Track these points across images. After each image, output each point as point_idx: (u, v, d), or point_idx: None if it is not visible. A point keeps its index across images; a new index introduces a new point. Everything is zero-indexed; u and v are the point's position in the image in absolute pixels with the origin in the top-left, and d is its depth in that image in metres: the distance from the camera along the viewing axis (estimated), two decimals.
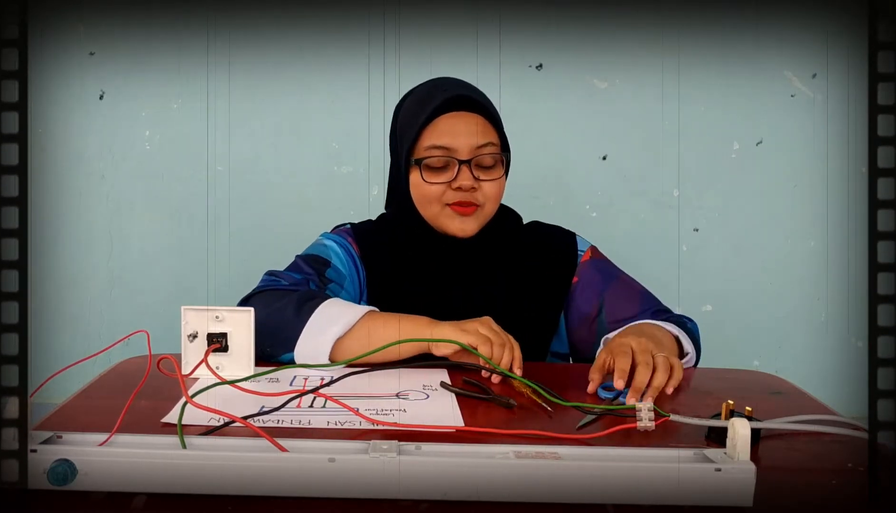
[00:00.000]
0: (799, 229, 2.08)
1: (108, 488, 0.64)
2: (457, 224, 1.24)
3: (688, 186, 2.08)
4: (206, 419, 0.80)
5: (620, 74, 2.06)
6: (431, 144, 1.22)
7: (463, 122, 1.22)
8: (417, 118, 1.24)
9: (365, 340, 1.09)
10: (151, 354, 1.00)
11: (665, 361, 1.01)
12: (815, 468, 0.76)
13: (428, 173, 1.23)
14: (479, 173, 1.22)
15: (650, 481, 0.64)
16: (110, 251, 2.08)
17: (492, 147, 1.23)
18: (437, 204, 1.24)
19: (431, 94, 1.25)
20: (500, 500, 0.64)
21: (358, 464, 0.64)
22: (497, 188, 1.25)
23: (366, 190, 2.06)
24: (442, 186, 1.22)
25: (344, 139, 2.07)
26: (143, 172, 2.07)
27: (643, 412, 0.81)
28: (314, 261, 1.28)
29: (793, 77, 2.05)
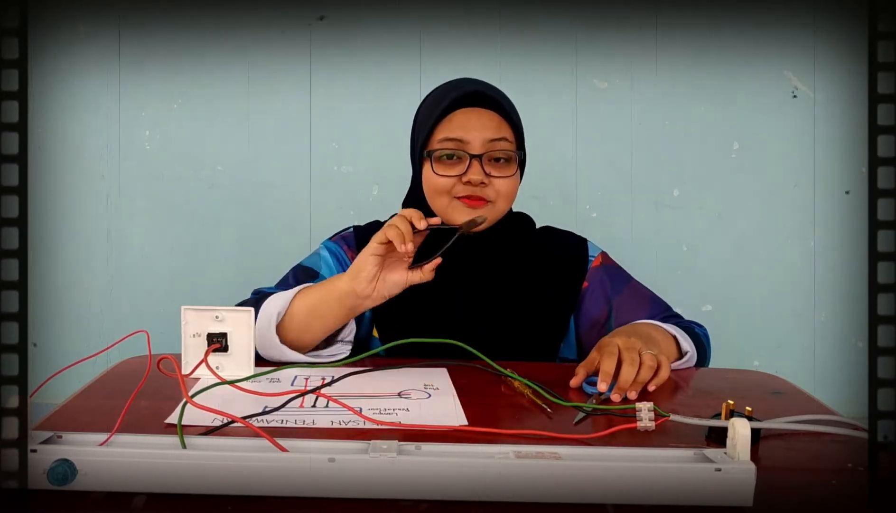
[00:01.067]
0: (799, 229, 2.08)
1: (108, 488, 0.64)
2: (466, 216, 1.23)
3: (688, 186, 2.08)
4: (206, 419, 0.80)
5: (620, 74, 2.06)
6: (444, 136, 1.23)
7: (476, 116, 1.23)
8: (432, 113, 1.25)
9: (300, 314, 1.14)
10: (151, 354, 1.00)
11: (651, 359, 1.01)
12: (815, 468, 0.76)
13: (439, 166, 1.23)
14: (490, 169, 1.22)
15: (650, 481, 0.64)
16: (110, 251, 2.08)
17: (505, 143, 1.23)
18: (447, 196, 1.23)
19: (448, 90, 1.26)
20: (500, 500, 0.64)
21: (358, 464, 0.64)
22: (509, 185, 1.24)
23: (366, 190, 2.06)
24: (452, 179, 1.22)
25: (344, 139, 2.07)
26: (143, 172, 2.07)
27: (643, 412, 0.81)
28: (303, 273, 1.30)
29: (793, 77, 2.05)
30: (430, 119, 1.24)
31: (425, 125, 1.25)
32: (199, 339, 1.03)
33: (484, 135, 1.21)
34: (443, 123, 1.23)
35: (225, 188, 2.07)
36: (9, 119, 0.59)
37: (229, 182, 2.07)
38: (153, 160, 2.07)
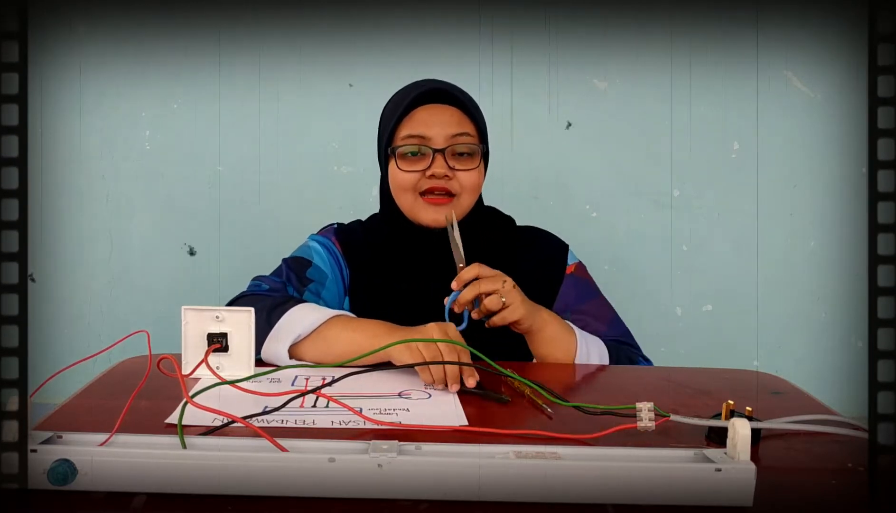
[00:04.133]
0: (799, 229, 2.08)
1: (108, 488, 0.64)
2: (430, 214, 1.25)
3: (688, 186, 2.07)
4: (206, 419, 0.80)
5: (620, 74, 2.06)
6: (407, 133, 1.25)
7: (438, 112, 1.26)
8: (396, 111, 1.28)
9: (322, 345, 1.10)
10: (151, 354, 1.00)
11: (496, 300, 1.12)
12: (815, 468, 0.76)
13: (403, 162, 1.26)
14: (454, 162, 1.25)
15: (650, 481, 0.64)
16: (110, 251, 2.08)
17: (467, 137, 1.26)
18: (412, 193, 1.26)
19: (410, 89, 1.29)
20: (500, 500, 0.64)
21: (358, 464, 0.64)
22: (473, 178, 1.27)
23: (366, 190, 2.06)
24: (416, 175, 1.25)
25: (344, 139, 2.07)
26: (143, 172, 2.07)
27: (643, 412, 0.81)
28: (295, 263, 1.31)
29: (793, 77, 2.05)
30: (394, 117, 1.27)
31: (389, 123, 1.28)
32: (200, 339, 1.03)
33: (446, 130, 1.24)
34: (405, 121, 1.26)
35: (225, 188, 2.07)
36: (9, 122, 0.59)
37: (229, 182, 2.07)
38: (153, 160, 2.07)
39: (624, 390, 1.09)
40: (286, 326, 1.11)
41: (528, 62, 2.04)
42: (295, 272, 1.29)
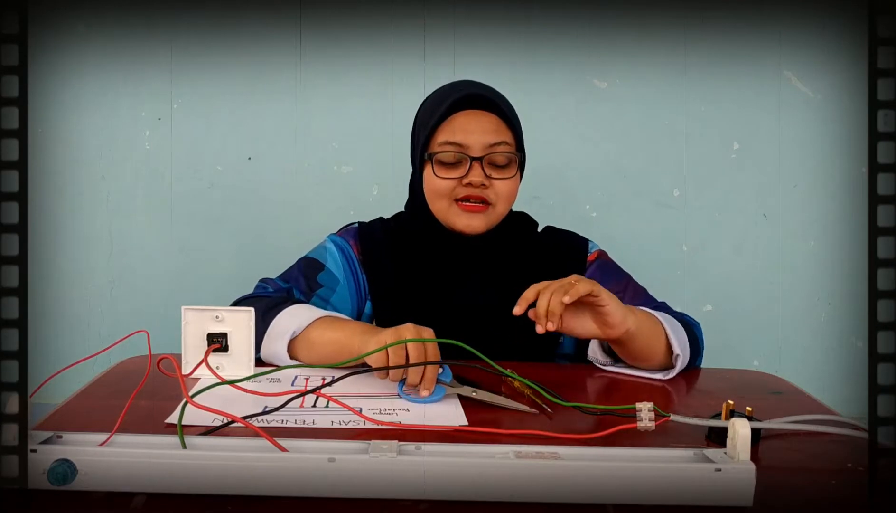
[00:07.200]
0: (799, 229, 2.08)
1: (108, 488, 0.64)
2: (464, 220, 1.24)
3: (688, 186, 2.07)
4: (206, 419, 0.80)
5: (620, 74, 2.06)
6: (445, 140, 1.23)
7: (476, 119, 1.24)
8: (433, 115, 1.25)
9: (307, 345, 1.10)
10: (151, 354, 1.00)
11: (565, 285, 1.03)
12: (815, 468, 0.76)
13: (440, 168, 1.24)
14: (491, 171, 1.23)
15: (650, 481, 0.64)
16: (110, 251, 2.08)
17: (505, 146, 1.24)
18: (447, 199, 1.24)
19: (448, 93, 1.27)
20: (500, 500, 0.64)
21: (358, 464, 0.64)
22: (509, 187, 1.25)
23: (366, 190, 2.06)
24: (452, 182, 1.23)
25: (344, 139, 2.07)
26: (143, 172, 2.07)
27: (643, 412, 0.81)
28: (307, 265, 1.30)
29: (793, 77, 2.05)
30: (431, 121, 1.25)
31: (426, 127, 1.26)
32: (200, 339, 1.03)
33: (484, 139, 1.22)
34: (443, 126, 1.24)
35: (225, 188, 2.07)
36: (9, 125, 0.59)
37: (229, 182, 2.07)
38: (153, 160, 2.07)
39: (624, 390, 1.09)
40: (279, 326, 1.11)
41: (529, 62, 2.04)
42: (305, 275, 1.28)
